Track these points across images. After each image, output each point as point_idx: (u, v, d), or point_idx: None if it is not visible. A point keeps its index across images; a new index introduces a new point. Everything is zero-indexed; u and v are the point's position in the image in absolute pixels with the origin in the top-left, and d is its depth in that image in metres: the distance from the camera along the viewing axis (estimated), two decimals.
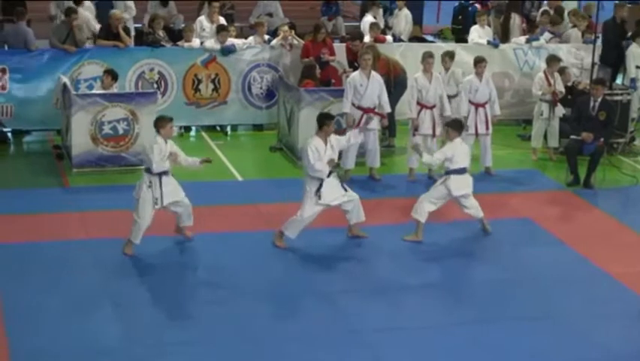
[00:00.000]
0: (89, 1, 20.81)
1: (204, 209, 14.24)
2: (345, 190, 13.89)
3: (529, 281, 13.09)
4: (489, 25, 21.79)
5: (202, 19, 20.46)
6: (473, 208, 14.43)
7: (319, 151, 13.58)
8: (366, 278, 13.17)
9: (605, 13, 22.62)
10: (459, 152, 14.28)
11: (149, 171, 13.33)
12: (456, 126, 14.58)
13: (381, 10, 22.72)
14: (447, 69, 17.86)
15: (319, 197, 13.59)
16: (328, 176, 13.63)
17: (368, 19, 21.46)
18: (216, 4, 20.75)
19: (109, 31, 18.92)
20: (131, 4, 21.58)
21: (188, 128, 19.53)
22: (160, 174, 13.28)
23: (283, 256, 13.66)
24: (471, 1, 25.18)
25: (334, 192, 13.72)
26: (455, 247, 14.19)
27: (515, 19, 22.88)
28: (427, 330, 11.64)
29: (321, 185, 13.59)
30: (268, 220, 14.68)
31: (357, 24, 24.02)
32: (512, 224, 15.31)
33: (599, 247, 14.33)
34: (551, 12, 22.54)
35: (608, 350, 11.35)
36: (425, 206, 14.21)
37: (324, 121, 13.91)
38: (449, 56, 17.95)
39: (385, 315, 12.06)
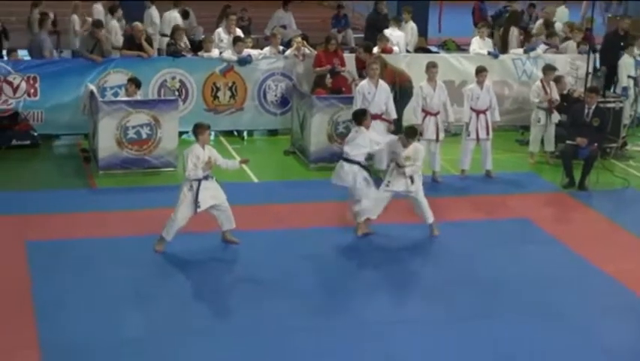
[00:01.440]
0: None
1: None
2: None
3: (528, 279, 12.99)
4: (489, 37, 21.74)
5: (220, 30, 20.46)
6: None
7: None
8: (376, 273, 13.11)
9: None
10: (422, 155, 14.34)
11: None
12: (410, 133, 14.46)
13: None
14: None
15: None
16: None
17: (397, 33, 21.25)
18: (233, 16, 20.80)
19: (132, 42, 18.90)
20: (157, 18, 21.61)
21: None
22: (199, 179, 13.21)
23: (295, 253, 13.60)
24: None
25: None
26: (458, 246, 14.09)
27: (514, 32, 22.85)
28: (430, 324, 11.56)
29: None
30: (281, 219, 14.63)
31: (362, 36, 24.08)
32: (511, 224, 15.24)
33: (593, 246, 14.25)
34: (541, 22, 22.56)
35: (604, 345, 11.24)
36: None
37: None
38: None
39: (394, 309, 12.02)
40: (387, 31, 20.97)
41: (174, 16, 21.90)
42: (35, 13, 21.37)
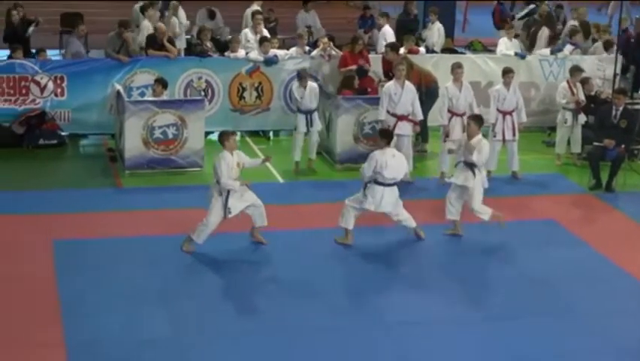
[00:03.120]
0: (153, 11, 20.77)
1: None
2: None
3: (552, 280, 12.97)
4: (516, 38, 21.68)
5: (247, 31, 20.49)
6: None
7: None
8: (397, 273, 13.13)
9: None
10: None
11: (218, 182, 13.31)
12: (384, 135, 14.36)
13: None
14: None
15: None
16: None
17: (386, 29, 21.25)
18: (260, 16, 20.79)
19: (155, 42, 18.97)
20: (184, 18, 21.65)
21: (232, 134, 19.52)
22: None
23: (316, 253, 13.64)
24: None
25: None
26: (481, 246, 14.09)
27: (544, 32, 22.75)
28: (452, 325, 11.57)
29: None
30: (307, 220, 14.66)
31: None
32: (537, 225, 15.21)
33: (620, 247, 14.20)
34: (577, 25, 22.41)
35: (628, 347, 11.22)
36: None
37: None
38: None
39: (412, 309, 12.00)
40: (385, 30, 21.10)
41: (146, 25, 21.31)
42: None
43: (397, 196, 13.87)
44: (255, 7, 22.15)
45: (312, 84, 17.48)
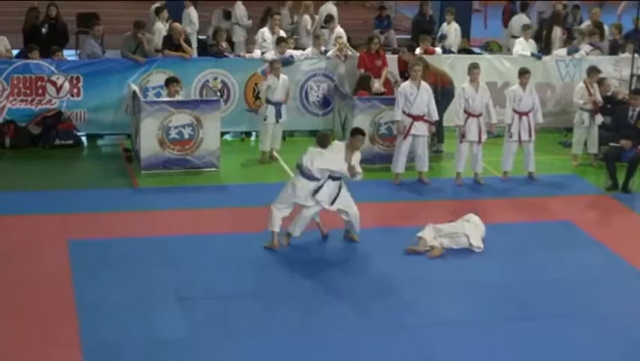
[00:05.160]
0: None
1: (263, 210, 14.14)
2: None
3: (569, 281, 12.93)
4: (532, 39, 21.62)
5: (264, 30, 20.46)
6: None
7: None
8: (417, 275, 13.06)
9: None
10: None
11: None
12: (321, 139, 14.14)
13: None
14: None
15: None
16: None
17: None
18: (277, 16, 20.78)
19: (171, 43, 18.98)
20: (195, 19, 21.64)
21: (248, 134, 19.54)
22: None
23: (337, 254, 13.66)
24: None
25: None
26: (499, 248, 14.01)
27: (557, 32, 22.70)
28: (473, 326, 11.54)
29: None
30: (322, 219, 14.63)
31: (408, 37, 24.00)
32: (554, 226, 15.15)
33: (636, 248, 14.12)
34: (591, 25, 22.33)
35: None
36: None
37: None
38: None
39: (434, 311, 11.96)
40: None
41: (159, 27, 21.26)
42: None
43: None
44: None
45: (284, 77, 17.53)
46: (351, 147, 13.84)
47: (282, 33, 20.36)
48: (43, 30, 20.33)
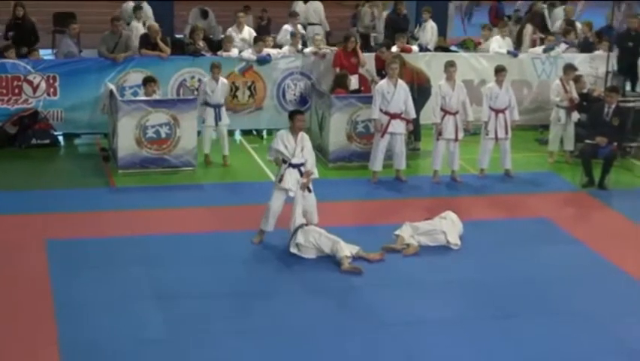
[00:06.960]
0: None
1: (241, 208, 14.17)
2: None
3: (546, 278, 12.94)
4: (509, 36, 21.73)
5: (230, 30, 20.51)
6: None
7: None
8: (396, 274, 13.06)
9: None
10: None
11: None
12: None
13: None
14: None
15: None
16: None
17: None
18: (241, 14, 20.90)
19: (147, 42, 18.94)
20: (149, 12, 21.67)
21: (229, 133, 19.52)
22: None
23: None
24: None
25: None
26: (477, 245, 14.05)
27: (528, 30, 22.82)
28: (452, 324, 11.53)
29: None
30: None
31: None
32: (531, 223, 15.19)
33: (613, 245, 14.19)
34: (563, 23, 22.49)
35: (624, 344, 11.21)
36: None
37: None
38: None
39: (413, 309, 11.95)
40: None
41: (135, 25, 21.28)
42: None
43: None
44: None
45: (223, 79, 17.52)
46: (295, 129, 13.75)
47: (251, 31, 20.38)
48: (10, 33, 20.16)
